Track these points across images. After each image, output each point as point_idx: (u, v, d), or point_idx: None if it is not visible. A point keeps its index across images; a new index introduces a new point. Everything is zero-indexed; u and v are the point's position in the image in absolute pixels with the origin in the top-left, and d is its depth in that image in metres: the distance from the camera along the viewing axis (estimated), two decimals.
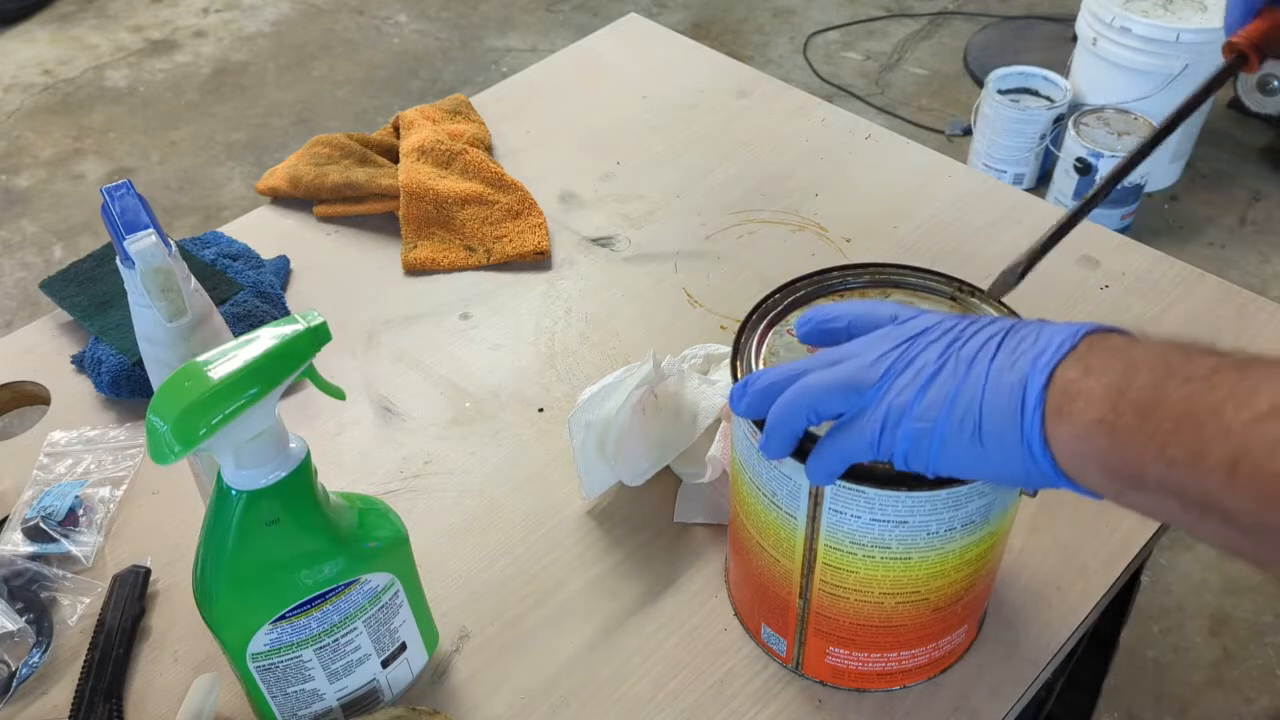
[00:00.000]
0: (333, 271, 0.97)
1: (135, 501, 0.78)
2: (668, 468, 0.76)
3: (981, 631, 0.69)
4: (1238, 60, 0.67)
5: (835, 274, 0.62)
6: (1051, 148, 2.30)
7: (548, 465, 0.80)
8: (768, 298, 0.61)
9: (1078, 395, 0.43)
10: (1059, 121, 2.28)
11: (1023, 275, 0.60)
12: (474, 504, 0.77)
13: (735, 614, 0.70)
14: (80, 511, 0.76)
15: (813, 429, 0.52)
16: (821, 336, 0.54)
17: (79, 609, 0.71)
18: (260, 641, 0.57)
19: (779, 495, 0.56)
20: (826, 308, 0.55)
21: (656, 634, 0.69)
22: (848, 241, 0.97)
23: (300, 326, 0.52)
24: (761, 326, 0.60)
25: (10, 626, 0.69)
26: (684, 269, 0.96)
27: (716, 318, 0.91)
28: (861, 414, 0.49)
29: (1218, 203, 2.37)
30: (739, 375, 0.57)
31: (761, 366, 0.58)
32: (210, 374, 0.49)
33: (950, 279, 0.61)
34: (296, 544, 0.55)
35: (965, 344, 0.48)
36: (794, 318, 0.60)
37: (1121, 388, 0.42)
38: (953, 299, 0.61)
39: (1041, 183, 2.38)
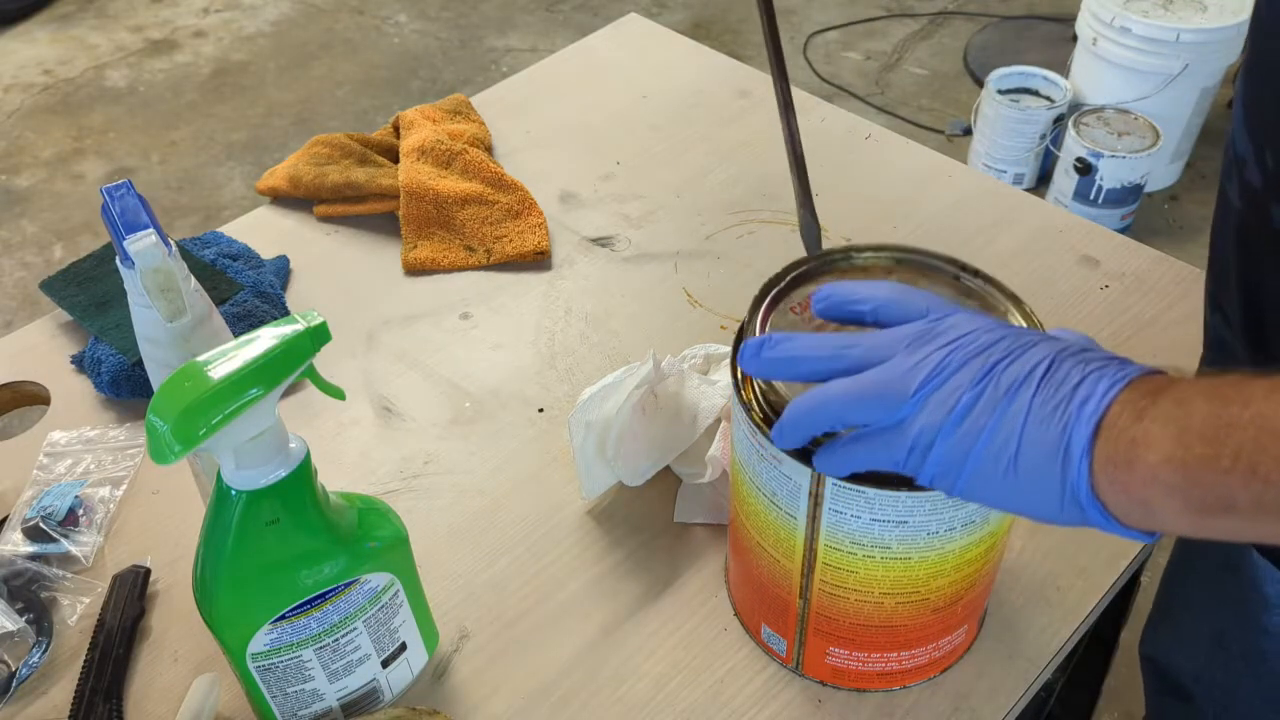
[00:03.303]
0: (333, 271, 0.97)
1: (135, 501, 0.78)
2: (668, 468, 0.76)
3: (981, 631, 0.69)
4: None
5: (839, 254, 0.61)
6: (1051, 148, 2.30)
7: (548, 465, 0.80)
8: (775, 278, 0.60)
9: (1135, 441, 0.42)
10: (1059, 121, 2.28)
11: (816, 221, 0.63)
12: (474, 504, 0.77)
13: (735, 614, 0.70)
14: (80, 511, 0.76)
15: None
16: (841, 316, 0.52)
17: (79, 609, 0.71)
18: (260, 641, 0.57)
19: (779, 495, 0.56)
20: (851, 285, 0.52)
21: (656, 634, 0.69)
22: (847, 241, 0.97)
23: (300, 326, 0.52)
24: (765, 304, 0.58)
25: (10, 626, 0.69)
26: (684, 269, 0.96)
27: (716, 318, 0.91)
28: (891, 429, 0.47)
29: None
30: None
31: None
32: (210, 374, 0.49)
33: (953, 260, 0.60)
34: (296, 544, 0.55)
35: (1006, 368, 0.46)
36: (798, 295, 0.59)
37: (1182, 423, 0.41)
38: (955, 278, 0.59)
39: (1041, 183, 2.38)
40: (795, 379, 0.51)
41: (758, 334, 0.56)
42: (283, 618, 0.57)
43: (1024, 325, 0.56)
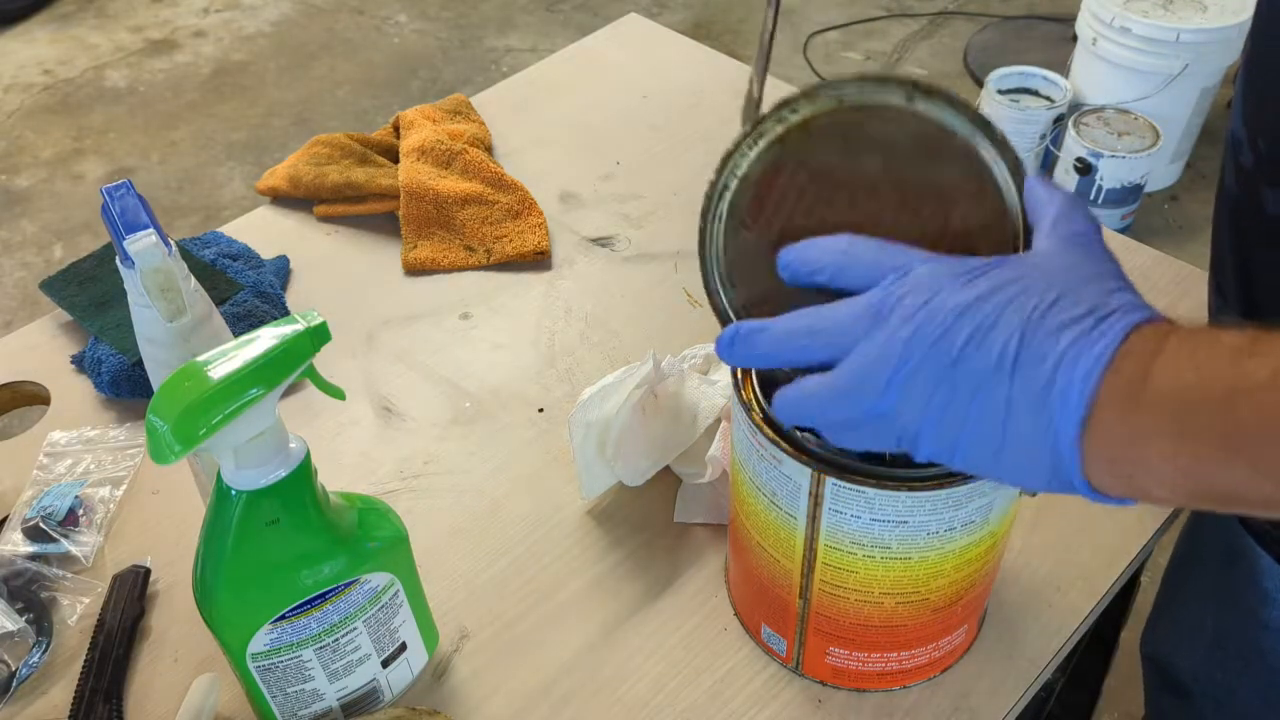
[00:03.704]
0: (333, 271, 0.97)
1: (135, 501, 0.78)
2: (668, 468, 0.76)
3: (981, 631, 0.69)
4: None
5: (769, 120, 0.51)
6: (1051, 148, 2.30)
7: (548, 465, 0.80)
8: (712, 188, 0.53)
9: (1131, 440, 0.40)
10: (1059, 121, 2.28)
11: (761, 99, 0.54)
12: (474, 504, 0.77)
13: (735, 614, 0.70)
14: (80, 511, 0.76)
15: None
16: (805, 286, 0.50)
17: (79, 609, 0.71)
18: (260, 641, 0.57)
19: (779, 495, 0.56)
20: (804, 252, 0.49)
21: (656, 634, 0.69)
22: None
23: (300, 326, 0.52)
24: (719, 234, 0.53)
25: (10, 626, 0.69)
26: (684, 269, 0.96)
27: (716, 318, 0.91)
28: (877, 419, 0.46)
29: None
30: (717, 299, 0.53)
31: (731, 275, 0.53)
32: (210, 374, 0.49)
33: (901, 85, 0.50)
34: (296, 544, 0.55)
35: (974, 353, 0.43)
36: (747, 190, 0.52)
37: (1182, 422, 0.39)
38: (908, 100, 0.50)
39: None
40: (773, 368, 0.50)
41: (720, 290, 0.52)
42: (283, 618, 0.57)
43: (996, 155, 0.50)
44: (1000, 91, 2.31)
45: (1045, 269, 0.45)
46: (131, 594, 0.71)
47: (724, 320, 0.54)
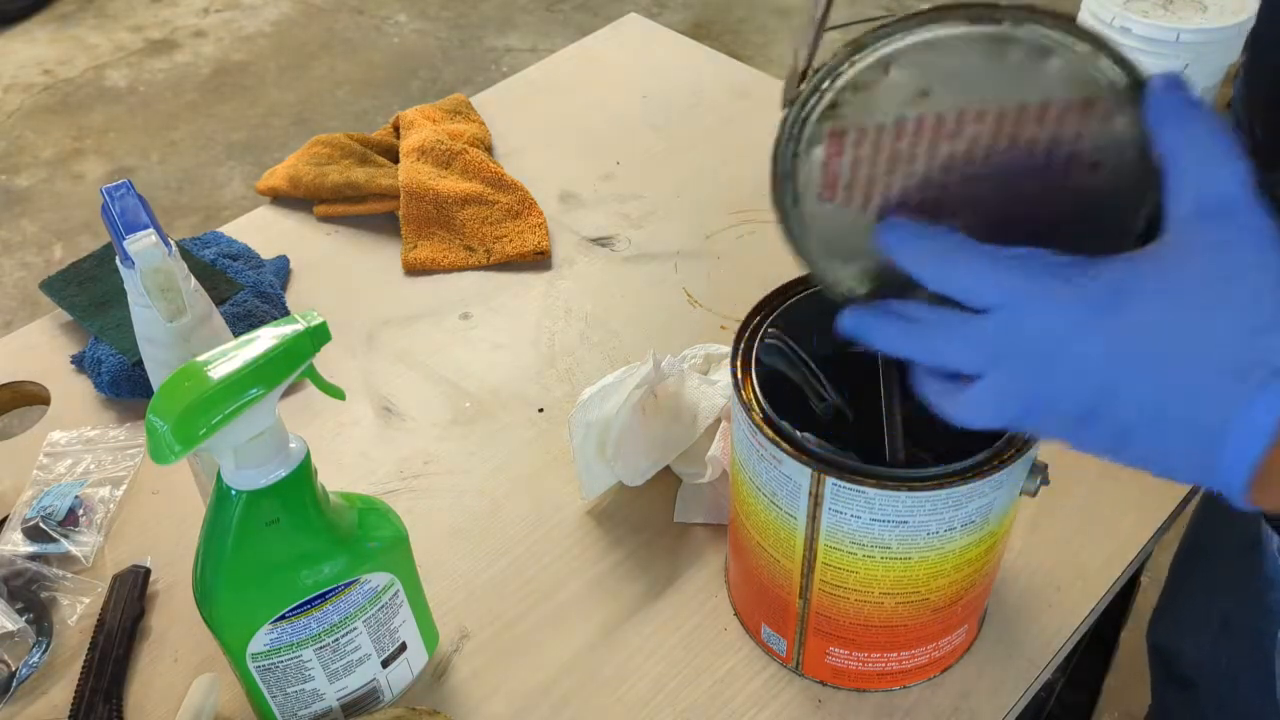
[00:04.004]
0: (333, 271, 0.97)
1: (135, 501, 0.78)
2: (668, 468, 0.76)
3: (981, 631, 0.69)
4: None
5: (809, 101, 0.45)
6: None
7: (548, 465, 0.80)
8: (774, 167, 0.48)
9: None
10: None
11: (804, 77, 0.48)
12: (474, 504, 0.77)
13: (735, 614, 0.70)
14: (80, 511, 0.76)
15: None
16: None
17: (79, 609, 0.71)
18: (260, 641, 0.57)
19: (779, 495, 0.56)
20: (902, 250, 0.44)
21: (656, 634, 0.69)
22: None
23: (300, 326, 0.52)
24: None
25: (10, 626, 0.69)
26: (684, 269, 0.96)
27: (716, 318, 0.91)
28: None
29: None
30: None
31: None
32: (210, 374, 0.49)
33: (962, 9, 0.42)
34: (296, 544, 0.55)
35: (1122, 404, 0.39)
36: (812, 167, 0.47)
37: None
38: (973, 24, 0.42)
39: None
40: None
41: (827, 269, 0.48)
42: (283, 618, 0.57)
43: (1096, 62, 0.41)
44: None
45: (1190, 284, 0.38)
46: (131, 594, 0.71)
47: (835, 293, 0.48)
